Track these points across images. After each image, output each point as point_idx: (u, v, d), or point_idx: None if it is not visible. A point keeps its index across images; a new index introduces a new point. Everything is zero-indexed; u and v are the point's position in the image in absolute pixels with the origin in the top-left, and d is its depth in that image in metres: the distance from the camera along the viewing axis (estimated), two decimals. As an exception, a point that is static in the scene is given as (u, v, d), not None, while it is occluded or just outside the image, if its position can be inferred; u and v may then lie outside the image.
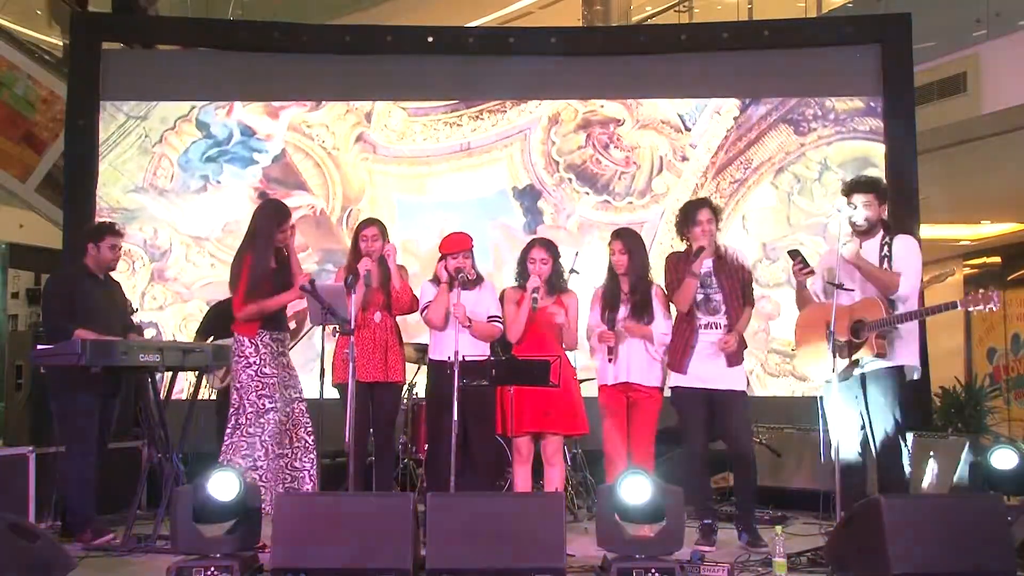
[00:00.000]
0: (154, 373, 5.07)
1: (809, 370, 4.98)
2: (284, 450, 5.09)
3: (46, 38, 9.89)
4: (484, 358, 4.94)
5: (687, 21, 11.22)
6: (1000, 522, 3.95)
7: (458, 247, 5.24)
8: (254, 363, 5.08)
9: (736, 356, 4.98)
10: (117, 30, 7.94)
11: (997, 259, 12.44)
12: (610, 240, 5.28)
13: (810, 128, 7.53)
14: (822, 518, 5.17)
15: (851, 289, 4.75)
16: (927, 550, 3.81)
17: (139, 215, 7.38)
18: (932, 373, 7.17)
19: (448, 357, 4.87)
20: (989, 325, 11.91)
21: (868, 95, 7.45)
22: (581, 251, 5.99)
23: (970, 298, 4.48)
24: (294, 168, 7.56)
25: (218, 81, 7.64)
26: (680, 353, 5.02)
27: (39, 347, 4.96)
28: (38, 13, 10.16)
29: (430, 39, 7.59)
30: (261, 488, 4.86)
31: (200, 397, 5.43)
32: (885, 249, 4.78)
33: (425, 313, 5.26)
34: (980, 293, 4.44)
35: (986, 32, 8.42)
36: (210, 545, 4.01)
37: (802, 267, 4.90)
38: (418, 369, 6.14)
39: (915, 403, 6.38)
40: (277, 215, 5.23)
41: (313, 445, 5.10)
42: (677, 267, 5.06)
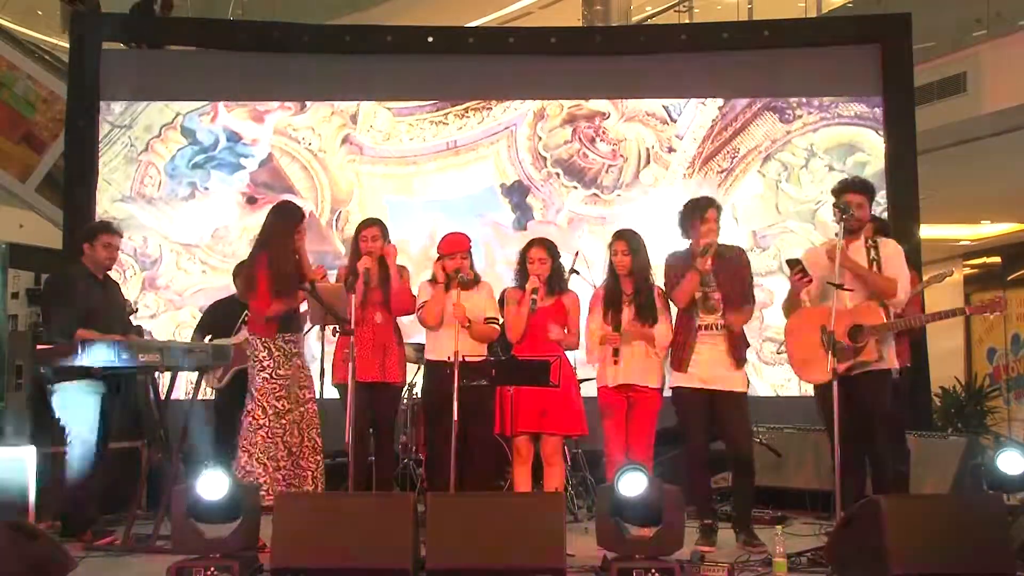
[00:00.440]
0: (154, 373, 5.07)
1: (803, 373, 4.96)
2: (296, 449, 5.09)
3: (46, 38, 9.90)
4: (482, 359, 4.94)
5: (687, 21, 11.24)
6: (1000, 522, 3.95)
7: (456, 247, 5.23)
8: (268, 366, 5.07)
9: (738, 358, 4.97)
10: (117, 30, 7.94)
11: (997, 259, 12.45)
12: (612, 240, 5.25)
13: (795, 115, 7.54)
14: (822, 518, 5.17)
15: (851, 290, 4.74)
16: (927, 550, 3.81)
17: (128, 224, 7.26)
18: (932, 373, 7.17)
19: (448, 357, 4.86)
20: (989, 325, 11.91)
21: (868, 95, 7.45)
22: (579, 249, 5.98)
23: (977, 305, 4.48)
24: (281, 172, 7.54)
25: (218, 81, 7.64)
26: (681, 351, 5.01)
27: (39, 347, 4.96)
28: (39, 13, 10.17)
29: (430, 39, 7.59)
30: (274, 488, 4.88)
31: (200, 397, 5.42)
32: (872, 252, 4.78)
33: (420, 313, 5.26)
34: (988, 300, 4.44)
35: (986, 32, 8.44)
36: (210, 545, 4.01)
37: (802, 276, 4.89)
38: (418, 369, 6.14)
39: (915, 403, 6.39)
40: (293, 216, 5.21)
41: (321, 446, 5.10)
42: (678, 265, 5.05)
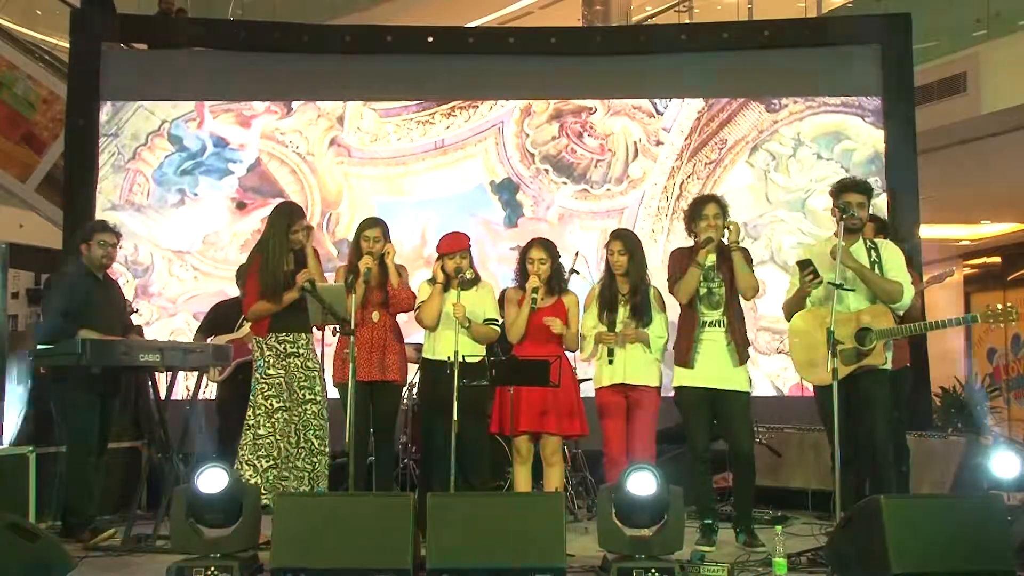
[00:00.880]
0: (154, 373, 5.08)
1: (807, 374, 4.96)
2: (292, 449, 5.09)
3: (46, 38, 9.90)
4: (481, 358, 4.94)
5: (687, 21, 11.24)
6: (1000, 522, 3.95)
7: (455, 247, 5.22)
8: (259, 364, 5.11)
9: (741, 355, 4.97)
10: (117, 30, 7.94)
11: (997, 259, 12.45)
12: (608, 241, 5.26)
13: (781, 104, 7.54)
14: (822, 518, 5.17)
15: (852, 289, 4.74)
16: (927, 550, 3.81)
17: (118, 233, 7.35)
18: (932, 373, 7.17)
19: (448, 358, 4.86)
20: (989, 325, 11.91)
21: (868, 95, 7.45)
22: (578, 250, 5.98)
23: (990, 313, 4.48)
24: (270, 176, 7.52)
25: (217, 81, 7.62)
26: (685, 348, 5.01)
27: (39, 347, 4.96)
28: (38, 13, 10.17)
29: (430, 39, 7.58)
30: (271, 488, 4.88)
31: (200, 397, 5.43)
32: (873, 254, 4.78)
33: (418, 312, 5.26)
34: (1000, 308, 4.44)
35: (986, 32, 8.44)
36: (210, 545, 4.01)
37: (813, 277, 4.88)
38: (418, 369, 6.13)
39: (915, 403, 6.39)
40: (288, 215, 5.22)
41: (320, 448, 5.08)
42: (681, 261, 5.05)
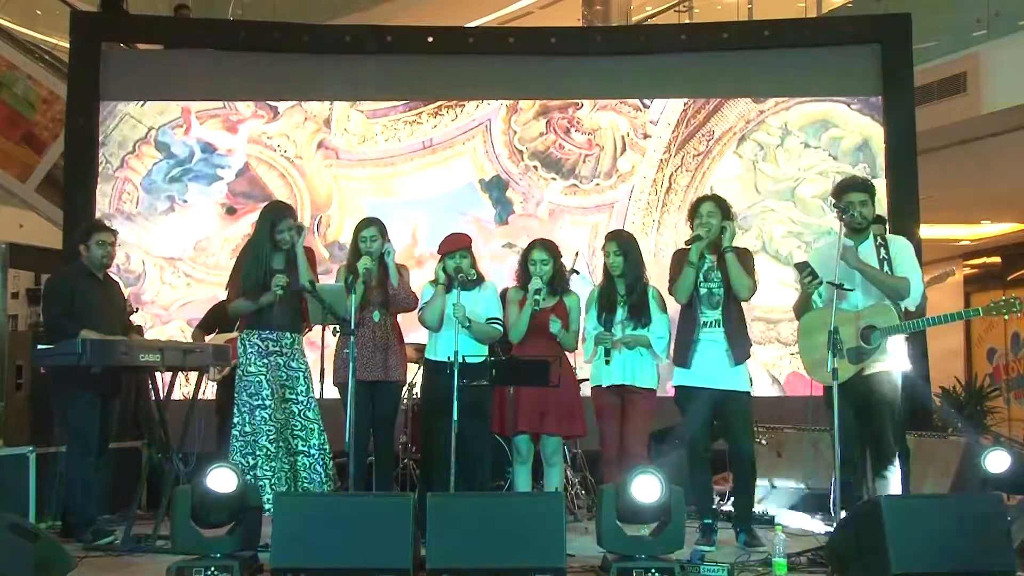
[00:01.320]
0: (154, 373, 5.08)
1: (815, 374, 4.95)
2: (274, 448, 5.09)
3: (46, 38, 9.90)
4: (483, 358, 4.94)
5: (687, 21, 11.23)
6: (1000, 522, 3.95)
7: (456, 247, 5.22)
8: (241, 362, 5.14)
9: (740, 355, 4.97)
10: (117, 30, 7.94)
11: (997, 259, 12.45)
12: (605, 242, 5.28)
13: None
14: (822, 518, 5.17)
15: (852, 289, 4.74)
16: (927, 550, 3.81)
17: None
18: (932, 373, 7.17)
19: (448, 358, 4.86)
20: (989, 325, 11.91)
21: (868, 95, 7.45)
22: (578, 250, 5.99)
23: (991, 306, 4.46)
24: (259, 180, 7.53)
25: (218, 81, 7.63)
26: (684, 347, 5.02)
27: (39, 347, 4.96)
28: (38, 13, 10.17)
29: (430, 39, 7.58)
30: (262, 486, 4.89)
31: (200, 397, 5.43)
32: (883, 251, 4.76)
33: (421, 313, 5.26)
34: (1003, 301, 4.42)
35: (986, 32, 8.43)
36: (210, 545, 4.01)
37: (811, 278, 4.88)
38: (418, 369, 6.13)
39: (915, 403, 6.39)
40: (272, 214, 5.23)
41: (300, 449, 5.08)
42: (681, 261, 5.06)
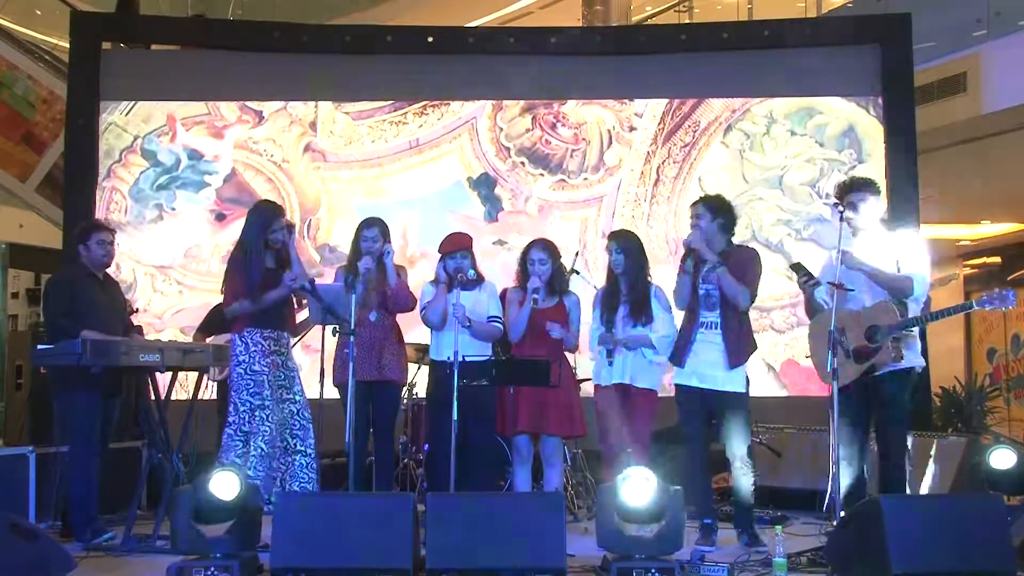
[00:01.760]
0: (154, 373, 5.08)
1: (824, 375, 4.94)
2: (270, 448, 5.10)
3: (46, 38, 9.90)
4: (485, 358, 4.95)
5: (687, 21, 11.23)
6: (1000, 522, 3.95)
7: (456, 247, 5.23)
8: (243, 361, 5.14)
9: (735, 357, 4.96)
10: (117, 30, 7.94)
11: (997, 259, 12.44)
12: (607, 241, 5.28)
13: None
14: (822, 518, 5.17)
15: (851, 289, 4.73)
16: (927, 550, 3.81)
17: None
18: (932, 373, 7.16)
19: (448, 357, 4.86)
20: (989, 325, 11.91)
21: (868, 95, 7.46)
22: (578, 250, 5.99)
23: (985, 297, 4.45)
24: (247, 186, 7.51)
25: (217, 81, 7.63)
26: (681, 347, 5.03)
27: (39, 347, 4.97)
28: (38, 13, 10.17)
29: (430, 39, 7.59)
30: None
31: (200, 397, 5.43)
32: (889, 248, 4.76)
33: (423, 314, 5.26)
34: (996, 292, 4.41)
35: (986, 32, 8.42)
36: (210, 545, 4.01)
37: (807, 280, 4.88)
38: (418, 369, 6.14)
39: (915, 403, 6.39)
40: (263, 215, 5.24)
41: (298, 448, 5.09)
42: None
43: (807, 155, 7.51)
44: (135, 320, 6.09)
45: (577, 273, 5.68)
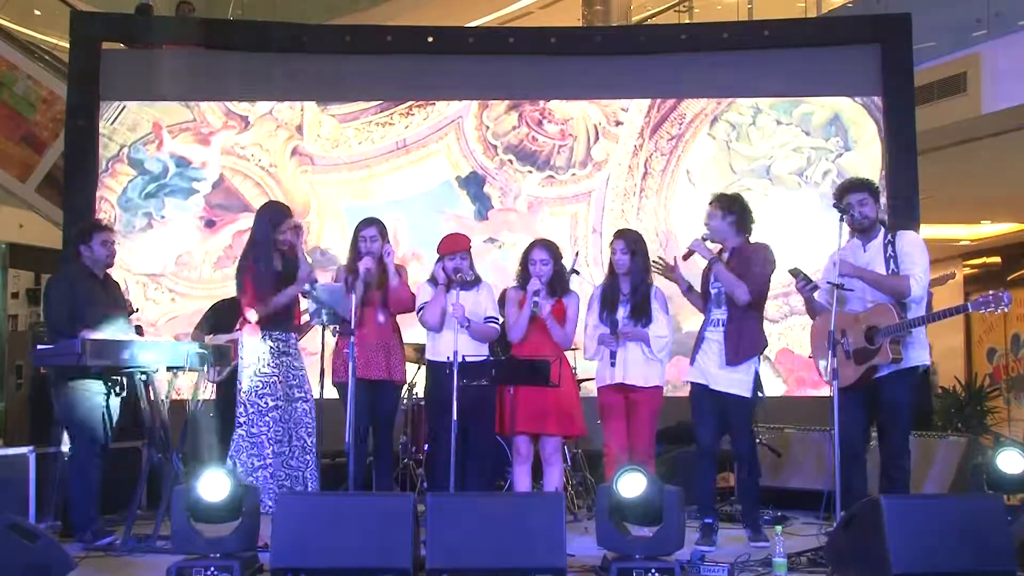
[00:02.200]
0: (154, 373, 5.07)
1: (827, 376, 4.93)
2: (283, 448, 5.10)
3: (46, 38, 9.90)
4: (483, 358, 4.95)
5: (687, 21, 11.23)
6: (1000, 522, 3.95)
7: (455, 247, 5.23)
8: (252, 363, 5.14)
9: (738, 357, 4.97)
10: (117, 30, 7.94)
11: (997, 259, 12.46)
12: (612, 240, 5.27)
13: None
14: (822, 518, 5.17)
15: (851, 290, 4.73)
16: (927, 550, 3.81)
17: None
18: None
19: (447, 358, 4.86)
20: (989, 325, 11.93)
21: (868, 95, 7.46)
22: (578, 249, 5.98)
23: (981, 300, 4.45)
24: (235, 191, 7.51)
25: (217, 81, 7.62)
26: (695, 345, 5.11)
27: (39, 347, 4.96)
28: (38, 13, 10.17)
29: (430, 39, 7.58)
30: (267, 487, 4.90)
31: (200, 397, 5.43)
32: (889, 249, 4.74)
33: (421, 314, 5.26)
34: (991, 294, 4.41)
35: (986, 32, 8.42)
36: (210, 545, 4.01)
37: (805, 284, 4.87)
38: (418, 369, 6.14)
39: (915, 403, 6.39)
40: (272, 216, 5.24)
41: (312, 447, 5.10)
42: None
43: (793, 144, 7.53)
44: (135, 320, 6.09)
45: (577, 273, 5.68)
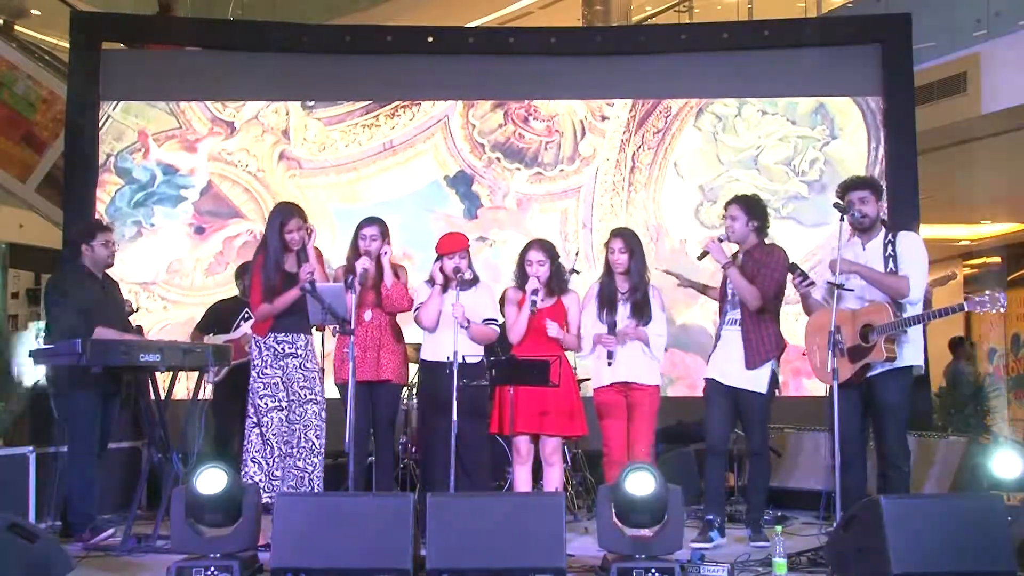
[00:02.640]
0: (154, 373, 5.08)
1: (821, 375, 4.94)
2: (291, 449, 5.10)
3: (46, 38, 9.89)
4: (480, 358, 4.95)
5: (687, 21, 11.23)
6: (1000, 522, 3.95)
7: (454, 247, 5.22)
8: (257, 364, 5.14)
9: (754, 357, 4.98)
10: (117, 30, 7.94)
11: (997, 259, 12.46)
12: (608, 239, 5.26)
13: None
14: (822, 518, 5.17)
15: (851, 289, 4.74)
16: (927, 550, 3.81)
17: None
18: (932, 373, 7.17)
19: (447, 358, 4.86)
20: (989, 325, 11.93)
21: (868, 95, 7.46)
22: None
23: (977, 300, 4.45)
24: (224, 197, 7.50)
25: (217, 81, 7.63)
26: (713, 343, 5.18)
27: (39, 347, 4.96)
28: (37, 13, 10.16)
29: (430, 39, 7.58)
30: (272, 487, 4.89)
31: (200, 397, 5.43)
32: (889, 248, 4.75)
33: (417, 314, 5.25)
34: (987, 294, 4.41)
35: (986, 32, 8.42)
36: (210, 545, 4.01)
37: (803, 280, 4.89)
38: (418, 369, 6.13)
39: (915, 403, 6.39)
40: (279, 216, 5.23)
41: (320, 449, 5.09)
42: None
43: (780, 134, 7.54)
44: (134, 320, 6.09)
45: (577, 272, 5.68)
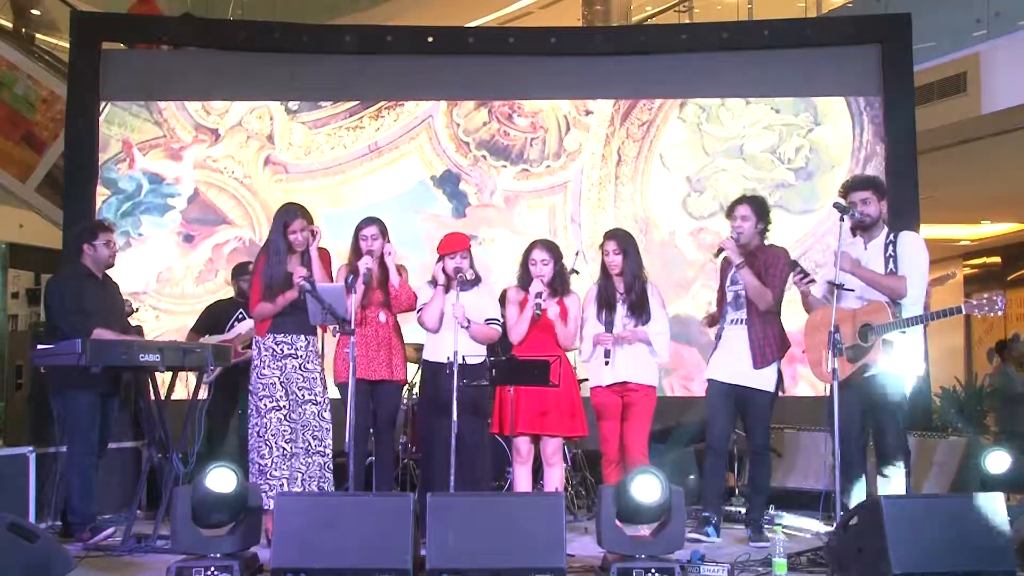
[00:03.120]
0: (154, 373, 5.07)
1: (818, 373, 4.95)
2: (293, 449, 5.10)
3: (46, 38, 9.90)
4: (482, 358, 4.95)
5: (687, 21, 11.23)
6: (1000, 522, 3.95)
7: (456, 247, 5.23)
8: (256, 365, 5.13)
9: (760, 356, 4.99)
10: (117, 30, 7.94)
11: (997, 259, 12.47)
12: (603, 241, 5.28)
13: None
14: (822, 518, 5.18)
15: (851, 289, 4.74)
16: (927, 550, 3.81)
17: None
18: (932, 373, 7.16)
19: (448, 358, 4.86)
20: (989, 325, 11.93)
21: (868, 95, 7.46)
22: (579, 249, 5.98)
23: (975, 303, 4.46)
24: (211, 204, 7.49)
25: (217, 81, 7.62)
26: (714, 344, 5.18)
27: (39, 347, 4.96)
28: (37, 13, 10.16)
29: (430, 39, 7.58)
30: (270, 487, 4.89)
31: (200, 397, 5.43)
32: (890, 249, 4.75)
33: (420, 315, 5.26)
34: (985, 297, 4.42)
35: (986, 32, 8.43)
36: (210, 545, 4.01)
37: (803, 277, 4.90)
38: (418, 369, 6.13)
39: (915, 403, 6.39)
40: (281, 217, 5.21)
41: (317, 449, 5.08)
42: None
43: (764, 122, 7.54)
44: (133, 320, 6.10)
45: (578, 273, 5.68)
